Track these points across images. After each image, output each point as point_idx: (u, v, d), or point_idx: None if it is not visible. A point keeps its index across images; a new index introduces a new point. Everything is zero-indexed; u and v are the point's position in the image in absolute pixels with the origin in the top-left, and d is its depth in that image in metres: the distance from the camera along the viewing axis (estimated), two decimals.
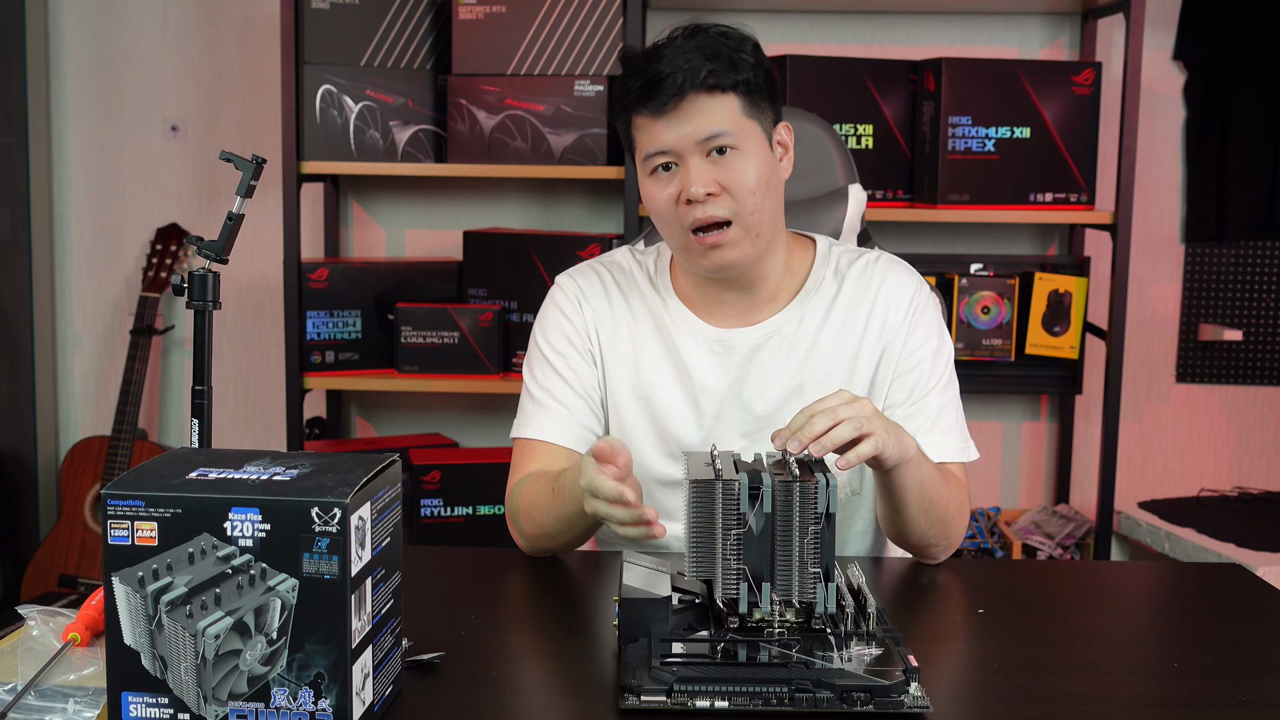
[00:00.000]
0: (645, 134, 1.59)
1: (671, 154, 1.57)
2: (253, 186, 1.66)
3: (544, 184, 3.31)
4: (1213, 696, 1.22)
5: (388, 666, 1.14)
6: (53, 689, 1.16)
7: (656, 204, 1.60)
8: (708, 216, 1.56)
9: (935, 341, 1.69)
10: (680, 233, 1.59)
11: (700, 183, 1.55)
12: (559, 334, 1.72)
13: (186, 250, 3.28)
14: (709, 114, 1.56)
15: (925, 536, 1.59)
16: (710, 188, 1.55)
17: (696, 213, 1.56)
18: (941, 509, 1.56)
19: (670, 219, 1.59)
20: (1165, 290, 3.36)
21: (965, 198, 2.95)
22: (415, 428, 3.41)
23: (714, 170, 1.56)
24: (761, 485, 1.24)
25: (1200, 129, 3.27)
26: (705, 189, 1.55)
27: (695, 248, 1.59)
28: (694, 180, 1.55)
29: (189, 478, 1.07)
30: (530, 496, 1.61)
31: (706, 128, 1.56)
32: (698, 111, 1.56)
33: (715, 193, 1.56)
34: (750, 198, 1.57)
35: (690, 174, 1.56)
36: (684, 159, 1.57)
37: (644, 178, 1.61)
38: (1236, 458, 3.41)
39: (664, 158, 1.58)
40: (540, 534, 1.60)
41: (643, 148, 1.60)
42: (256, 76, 3.34)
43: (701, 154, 1.56)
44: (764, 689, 1.15)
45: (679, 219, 1.58)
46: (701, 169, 1.56)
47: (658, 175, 1.59)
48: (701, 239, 1.57)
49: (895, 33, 3.26)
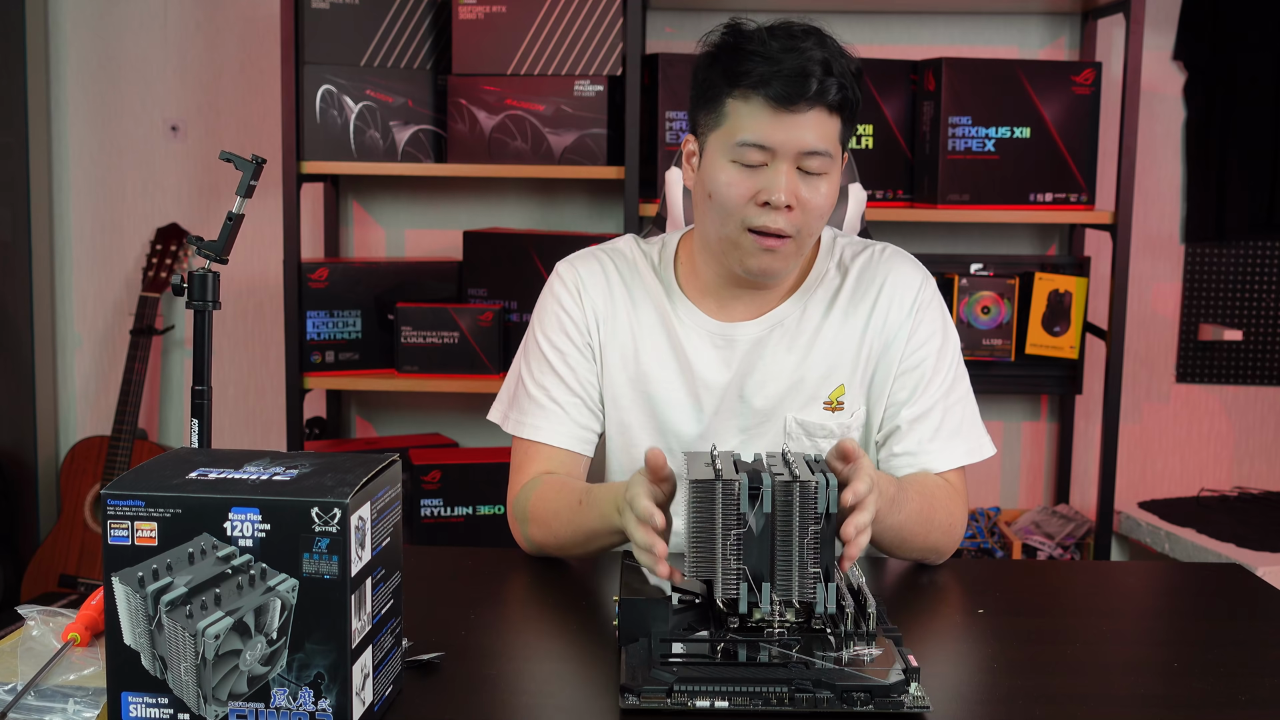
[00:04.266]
0: (749, 120, 1.54)
1: (770, 152, 1.54)
2: (253, 186, 1.66)
3: (544, 184, 3.31)
4: (1213, 696, 1.22)
5: (388, 666, 1.14)
6: (53, 689, 1.16)
7: (727, 191, 1.56)
8: (776, 227, 1.55)
9: (940, 339, 1.68)
10: (737, 228, 1.57)
11: (786, 192, 1.53)
12: (557, 329, 1.70)
13: (186, 250, 3.28)
14: (820, 130, 1.54)
15: (914, 559, 1.62)
16: (791, 201, 1.54)
17: (766, 219, 1.54)
18: (920, 543, 1.58)
19: (734, 211, 1.56)
20: (1165, 290, 3.36)
21: (965, 198, 2.95)
22: (415, 428, 3.41)
23: (799, 185, 1.55)
24: (761, 485, 1.24)
25: (1200, 129, 3.27)
26: (788, 200, 1.53)
27: (749, 246, 1.57)
28: (781, 187, 1.53)
29: (189, 478, 1.07)
30: (548, 504, 1.59)
31: (815, 142, 1.53)
32: (814, 123, 1.53)
33: (792, 206, 1.55)
34: (817, 221, 1.57)
35: (779, 179, 1.53)
36: (777, 162, 1.54)
37: (720, 159, 1.57)
38: (1236, 458, 3.41)
39: (760, 153, 1.54)
40: (552, 543, 1.60)
41: (739, 131, 1.54)
42: (256, 76, 3.34)
43: (794, 164, 1.54)
44: (764, 689, 1.15)
45: (744, 215, 1.56)
46: (792, 179, 1.54)
47: (739, 165, 1.55)
48: (761, 240, 1.56)
49: (895, 33, 3.26)
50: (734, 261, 1.60)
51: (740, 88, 1.54)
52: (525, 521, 1.63)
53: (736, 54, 1.55)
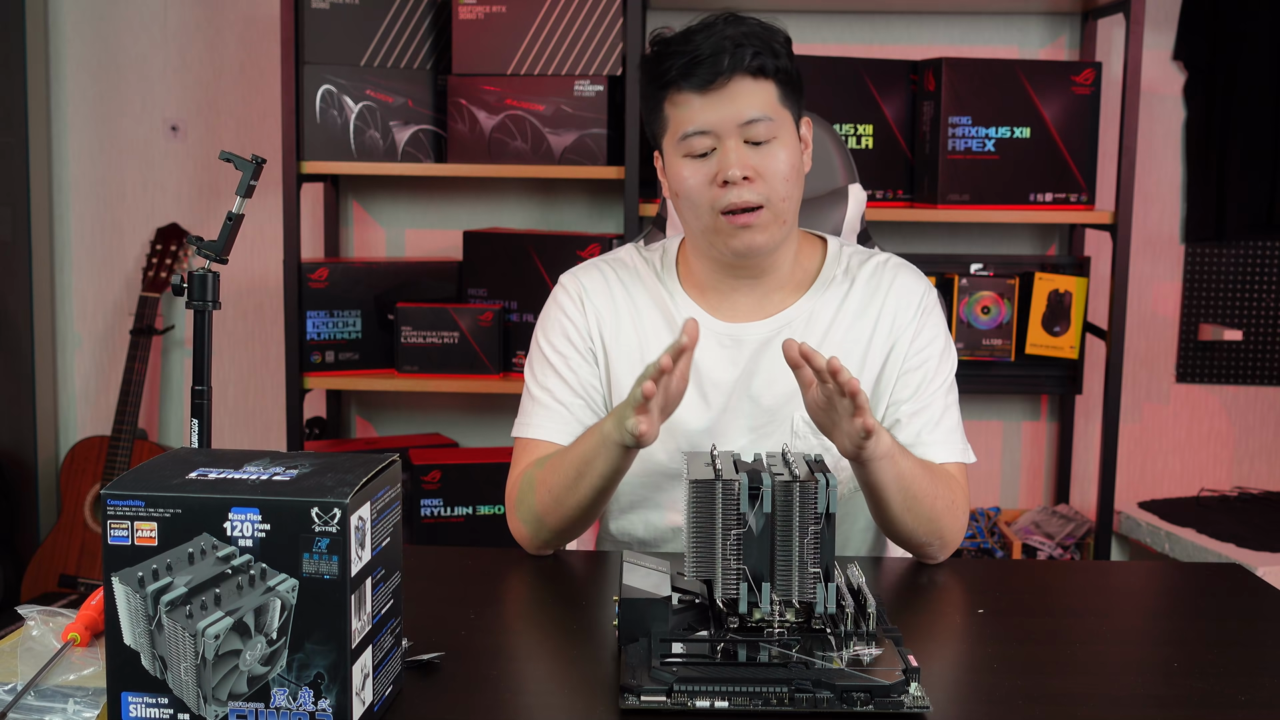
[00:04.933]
0: (684, 111, 1.59)
1: (711, 134, 1.58)
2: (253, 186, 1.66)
3: (544, 184, 3.31)
4: (1213, 696, 1.22)
5: (388, 666, 1.14)
6: (53, 689, 1.16)
7: (688, 185, 1.60)
8: (742, 201, 1.58)
9: (942, 343, 1.71)
10: (710, 215, 1.60)
11: (739, 166, 1.57)
12: (559, 333, 1.73)
13: (186, 250, 3.28)
14: (751, 97, 1.58)
15: (915, 534, 1.59)
16: (747, 172, 1.57)
17: (731, 196, 1.58)
18: (928, 506, 1.57)
19: (701, 201, 1.60)
20: (1165, 290, 3.36)
21: (965, 198, 2.95)
22: (415, 428, 3.41)
23: (751, 155, 1.58)
24: (761, 485, 1.24)
25: (1200, 129, 3.27)
26: (743, 172, 1.57)
27: (725, 229, 1.60)
28: (733, 163, 1.57)
29: (189, 478, 1.07)
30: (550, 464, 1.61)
31: (748, 110, 1.58)
32: (741, 93, 1.58)
33: (750, 178, 1.58)
34: (783, 185, 1.60)
35: (729, 156, 1.57)
36: (722, 140, 1.58)
37: (675, 159, 1.62)
38: (1236, 458, 3.41)
39: (703, 139, 1.58)
40: (548, 499, 1.59)
41: (680, 126, 1.60)
42: (256, 76, 3.34)
43: (739, 138, 1.58)
44: (764, 689, 1.15)
45: (711, 201, 1.59)
46: (740, 152, 1.58)
47: (692, 158, 1.60)
48: (733, 219, 1.59)
49: (895, 33, 3.26)
50: (720, 248, 1.63)
51: (667, 87, 1.61)
52: (529, 492, 1.62)
53: (658, 59, 1.61)
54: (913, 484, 1.55)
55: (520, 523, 1.65)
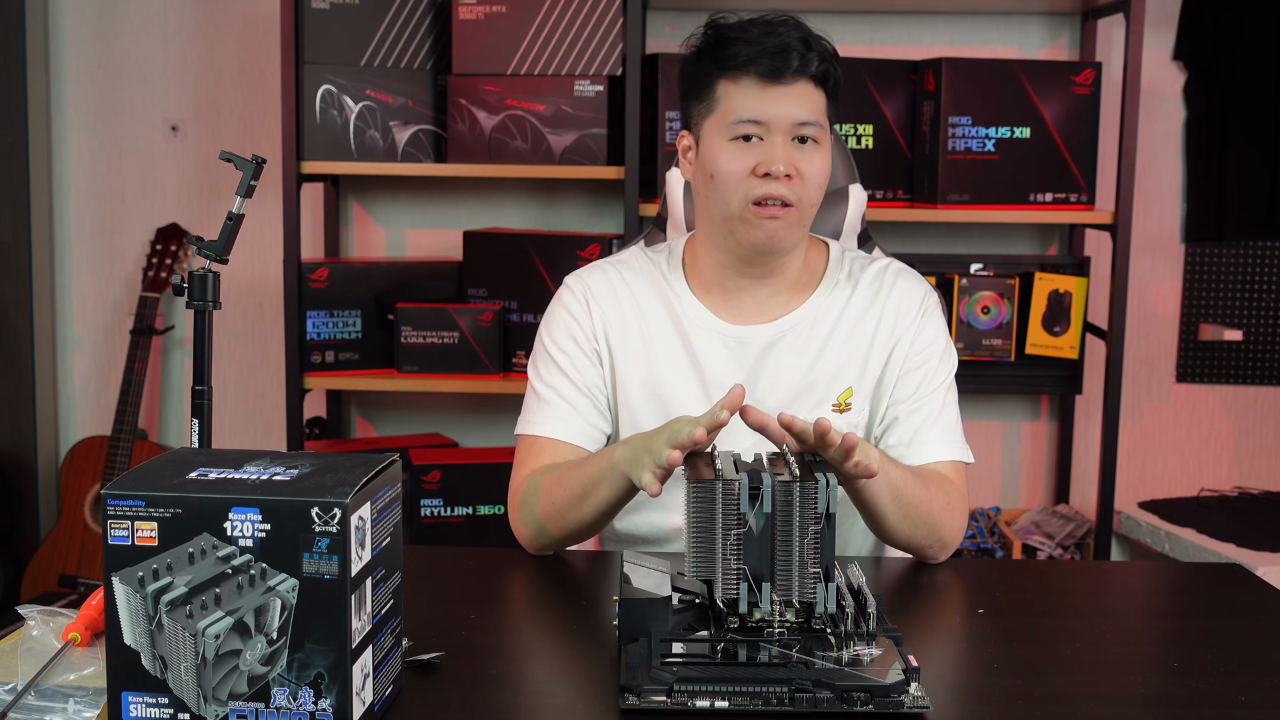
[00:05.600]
0: (741, 99, 1.61)
1: (763, 126, 1.61)
2: (253, 186, 1.66)
3: (544, 184, 3.31)
4: (1213, 696, 1.22)
5: (388, 666, 1.14)
6: (53, 689, 1.16)
7: (726, 169, 1.62)
8: (779, 195, 1.60)
9: (942, 344, 1.73)
10: (741, 202, 1.62)
11: (784, 163, 1.60)
12: (564, 333, 1.74)
13: (186, 250, 3.28)
14: (809, 100, 1.62)
15: (914, 539, 1.60)
16: (790, 170, 1.60)
17: (769, 188, 1.60)
18: (923, 511, 1.57)
19: (735, 186, 1.62)
20: (1165, 290, 3.36)
21: (965, 198, 2.95)
22: (415, 428, 3.41)
23: (795, 154, 1.61)
24: (761, 485, 1.24)
25: (1200, 129, 3.27)
26: (786, 169, 1.60)
27: (751, 218, 1.62)
28: (779, 158, 1.60)
29: (189, 478, 1.07)
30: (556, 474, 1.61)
31: (804, 113, 1.61)
32: (802, 95, 1.62)
33: (791, 176, 1.61)
34: (815, 190, 1.63)
35: (776, 151, 1.60)
36: (772, 135, 1.61)
37: (717, 140, 1.63)
38: (1236, 458, 3.41)
39: (755, 128, 1.61)
40: (550, 510, 1.59)
41: (735, 110, 1.62)
42: (256, 76, 3.35)
43: (789, 136, 1.61)
44: (764, 689, 1.15)
45: (745, 189, 1.61)
46: (788, 150, 1.61)
47: (737, 141, 1.62)
48: (763, 210, 1.61)
49: (895, 33, 3.26)
50: (741, 236, 1.64)
51: (729, 70, 1.63)
52: (532, 498, 1.62)
53: (721, 42, 1.64)
54: (905, 491, 1.55)
55: (522, 524, 1.65)
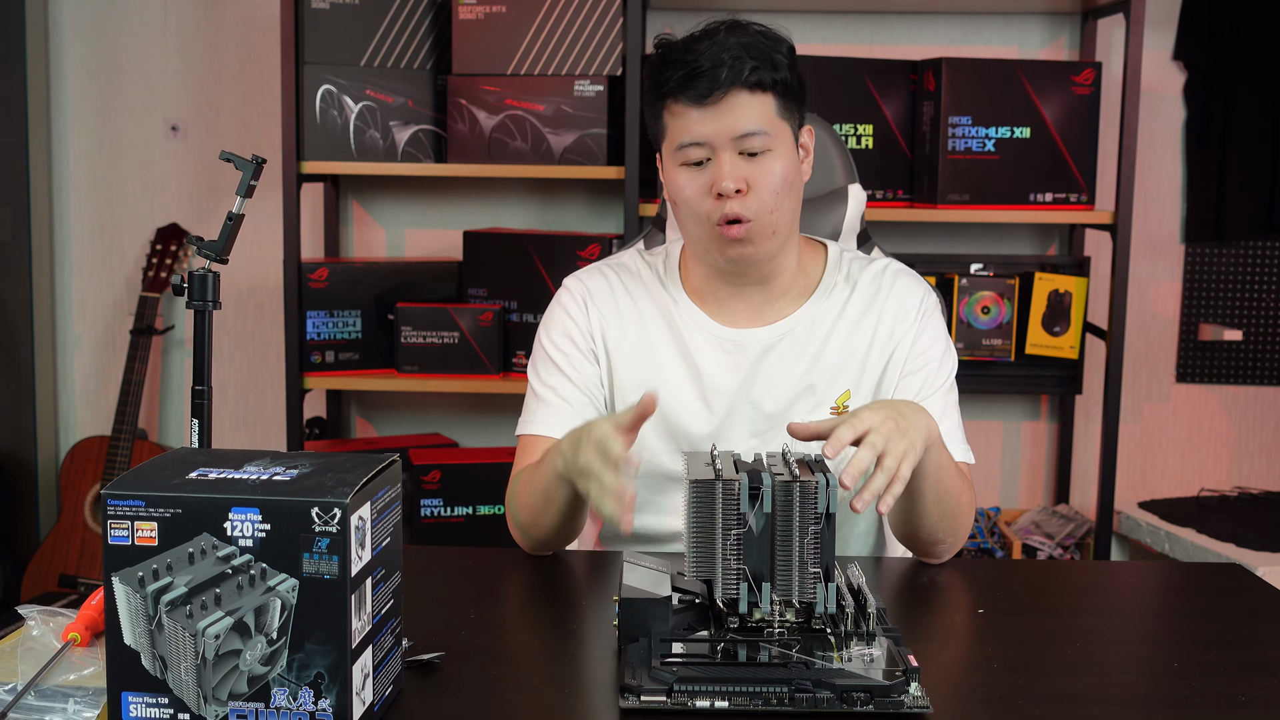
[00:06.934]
0: (680, 123, 1.60)
1: (706, 146, 1.59)
2: (253, 186, 1.66)
3: (544, 184, 3.31)
4: (1213, 696, 1.22)
5: (388, 666, 1.14)
6: (53, 689, 1.16)
7: (685, 194, 1.61)
8: (735, 213, 1.58)
9: (943, 345, 1.72)
10: (707, 224, 1.61)
11: (732, 178, 1.57)
12: (562, 333, 1.74)
13: (186, 250, 3.28)
14: (747, 111, 1.58)
15: (935, 530, 1.58)
16: (739, 184, 1.58)
17: (725, 208, 1.58)
18: (955, 500, 1.57)
19: (698, 210, 1.61)
20: (1165, 290, 3.36)
21: (965, 198, 2.95)
22: (415, 428, 3.41)
23: (744, 167, 1.59)
24: (761, 485, 1.24)
25: (1200, 129, 3.27)
26: (736, 184, 1.57)
27: (720, 239, 1.61)
28: (726, 175, 1.57)
29: (189, 478, 1.07)
30: (526, 473, 1.63)
31: (744, 124, 1.58)
32: (737, 107, 1.58)
33: (744, 190, 1.58)
34: (772, 198, 1.60)
35: (723, 169, 1.58)
36: (717, 153, 1.59)
37: (672, 167, 1.63)
38: (1236, 458, 3.41)
39: (698, 150, 1.59)
40: (526, 517, 1.61)
41: (676, 137, 1.61)
42: (256, 76, 3.34)
43: (734, 150, 1.58)
44: (764, 689, 1.15)
45: (705, 212, 1.60)
46: (734, 164, 1.58)
47: (688, 167, 1.61)
48: (726, 230, 1.60)
49: (895, 33, 3.26)
50: (716, 256, 1.64)
51: (665, 97, 1.61)
52: (514, 506, 1.64)
53: (659, 68, 1.62)
54: (947, 474, 1.55)
55: (514, 524, 1.66)
